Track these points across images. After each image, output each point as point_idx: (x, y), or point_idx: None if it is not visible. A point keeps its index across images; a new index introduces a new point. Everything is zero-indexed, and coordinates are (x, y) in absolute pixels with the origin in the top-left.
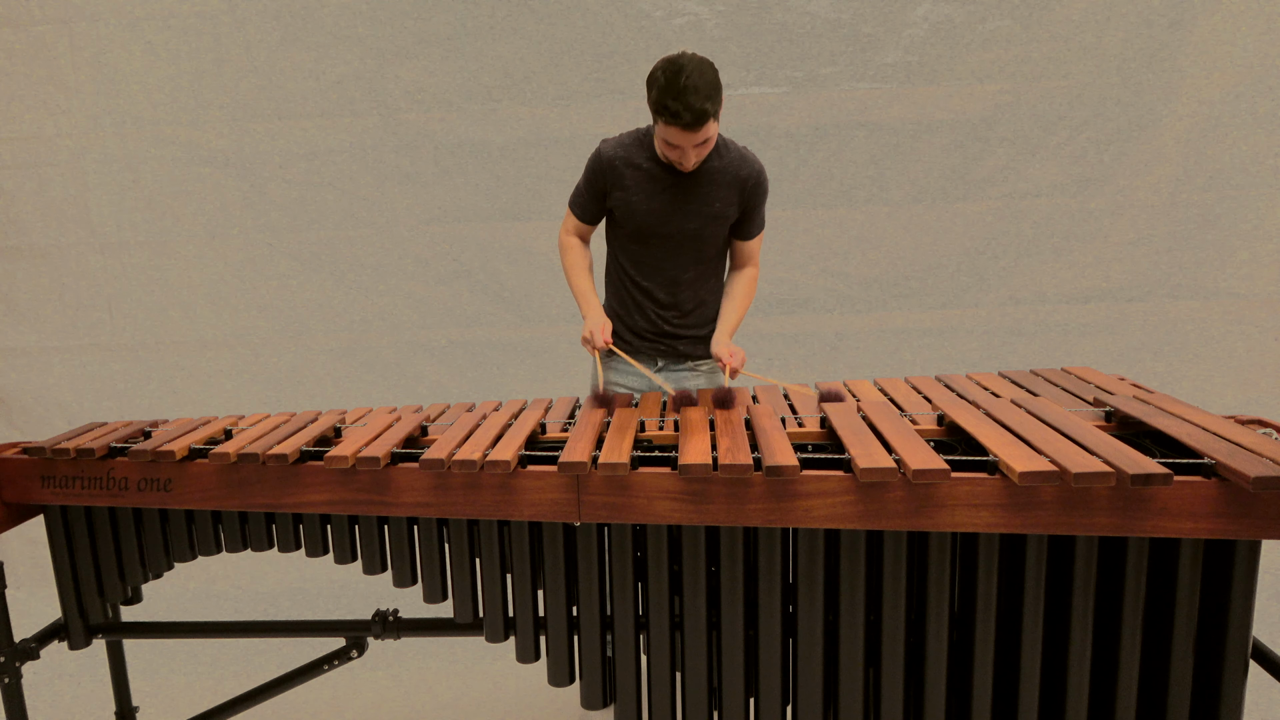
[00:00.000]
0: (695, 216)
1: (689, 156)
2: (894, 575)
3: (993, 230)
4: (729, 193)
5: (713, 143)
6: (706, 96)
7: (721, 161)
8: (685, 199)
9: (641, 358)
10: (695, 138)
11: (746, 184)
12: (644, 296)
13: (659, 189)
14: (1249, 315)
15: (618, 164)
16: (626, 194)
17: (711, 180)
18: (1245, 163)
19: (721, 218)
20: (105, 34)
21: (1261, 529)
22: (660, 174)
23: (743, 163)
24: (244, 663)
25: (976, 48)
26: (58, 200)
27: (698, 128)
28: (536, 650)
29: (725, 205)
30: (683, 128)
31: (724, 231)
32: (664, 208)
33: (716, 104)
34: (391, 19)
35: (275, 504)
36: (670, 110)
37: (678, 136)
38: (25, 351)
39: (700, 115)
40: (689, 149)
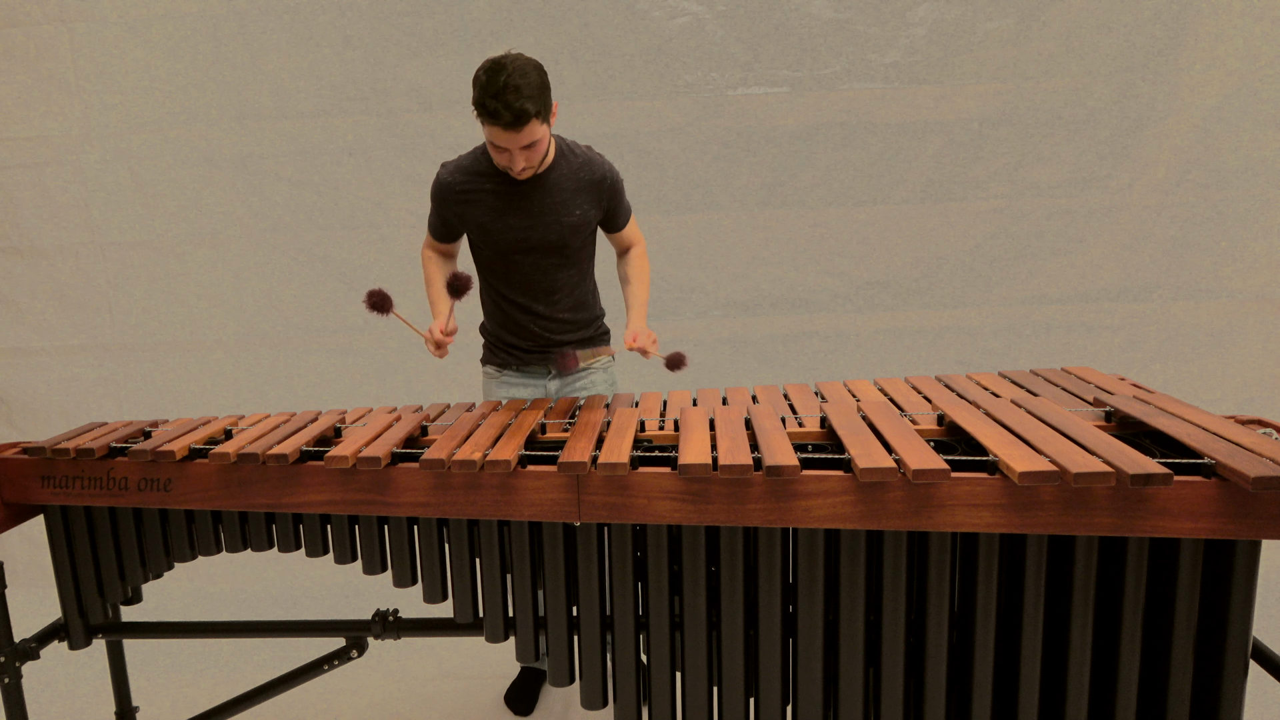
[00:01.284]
0: (555, 227)
1: (516, 160)
2: (894, 575)
3: (993, 230)
4: (585, 197)
5: (542, 146)
6: (528, 96)
7: (570, 167)
8: (540, 211)
9: (533, 367)
10: (519, 138)
11: (602, 185)
12: (521, 312)
13: (510, 206)
14: (1249, 315)
15: (458, 188)
16: (478, 216)
17: (563, 187)
18: (1245, 163)
19: (583, 224)
20: (105, 34)
21: (1261, 529)
22: (507, 190)
23: (591, 166)
24: (244, 663)
25: (976, 48)
26: (58, 200)
27: (518, 128)
28: (536, 650)
29: (585, 211)
30: (503, 127)
31: (588, 234)
32: (521, 223)
33: (540, 105)
34: (391, 19)
35: (275, 504)
36: (489, 109)
37: (501, 137)
38: (25, 351)
39: (520, 115)
40: (515, 151)
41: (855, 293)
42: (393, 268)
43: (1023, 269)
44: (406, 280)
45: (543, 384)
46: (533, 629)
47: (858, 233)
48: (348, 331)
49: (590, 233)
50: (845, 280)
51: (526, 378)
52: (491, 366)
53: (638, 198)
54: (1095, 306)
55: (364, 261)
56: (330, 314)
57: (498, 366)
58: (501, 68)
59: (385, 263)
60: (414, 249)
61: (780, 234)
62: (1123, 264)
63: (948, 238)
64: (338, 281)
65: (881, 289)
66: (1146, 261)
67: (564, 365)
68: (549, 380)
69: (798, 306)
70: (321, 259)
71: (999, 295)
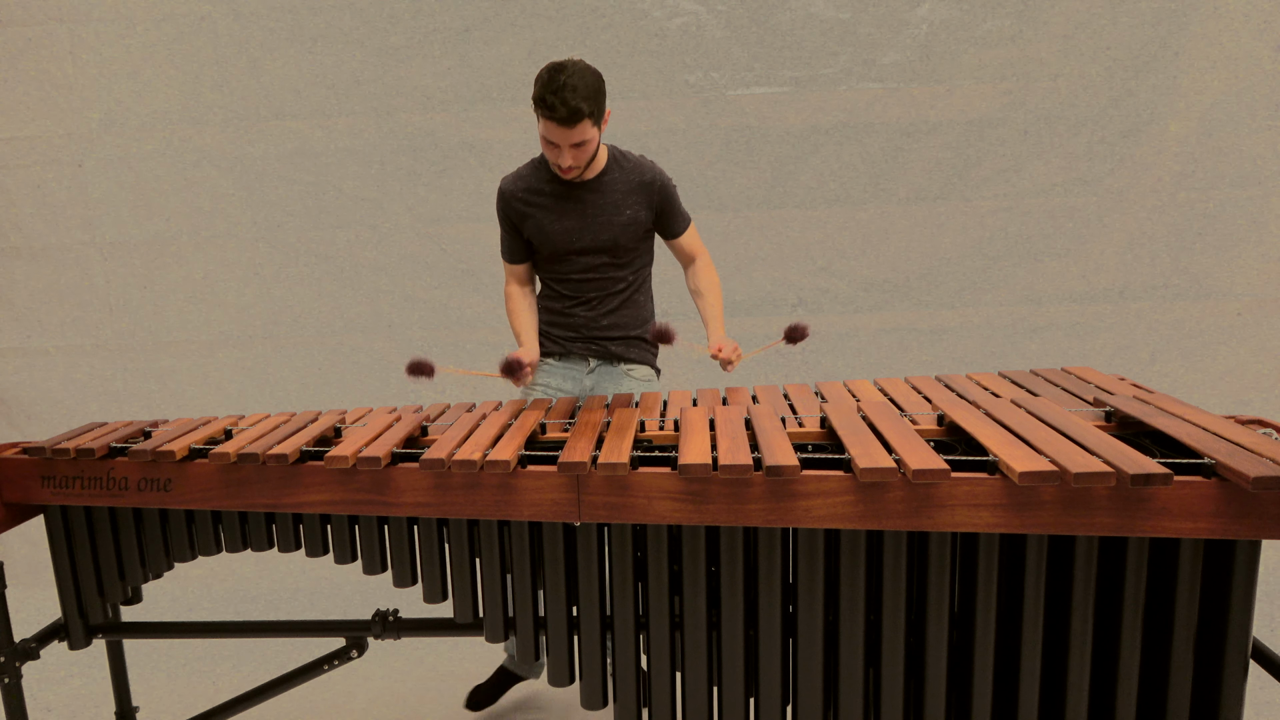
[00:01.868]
0: (608, 227)
1: (565, 156)
2: (894, 575)
3: (993, 230)
4: (636, 199)
5: (590, 147)
6: (584, 97)
7: (621, 172)
8: (595, 212)
9: (573, 358)
10: (570, 135)
11: (652, 186)
12: (573, 304)
13: (567, 208)
14: (1249, 315)
15: (519, 195)
16: (536, 220)
17: (615, 190)
18: (1245, 163)
19: (634, 224)
20: (105, 34)
21: (1261, 529)
22: (564, 193)
23: (641, 169)
24: (244, 663)
25: (976, 48)
26: (58, 200)
27: (572, 124)
28: (536, 650)
29: (636, 211)
30: (558, 122)
31: (640, 236)
32: (576, 224)
33: (594, 107)
34: (391, 19)
35: (275, 504)
36: (547, 104)
37: (554, 132)
38: (25, 351)
39: (575, 112)
40: (565, 148)
41: (855, 293)
42: (393, 268)
43: (1023, 269)
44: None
45: (580, 375)
46: (533, 629)
47: (858, 233)
48: (348, 331)
49: (643, 236)
50: (845, 280)
51: (568, 367)
52: None
53: None
54: (1095, 306)
55: (364, 261)
56: (330, 314)
57: (542, 355)
58: (562, 69)
59: (385, 263)
60: (414, 248)
61: (780, 234)
62: (1123, 264)
63: (948, 238)
64: (338, 281)
65: (881, 289)
66: (1146, 261)
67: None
68: (587, 374)
69: (798, 306)
70: (321, 259)
71: (999, 295)
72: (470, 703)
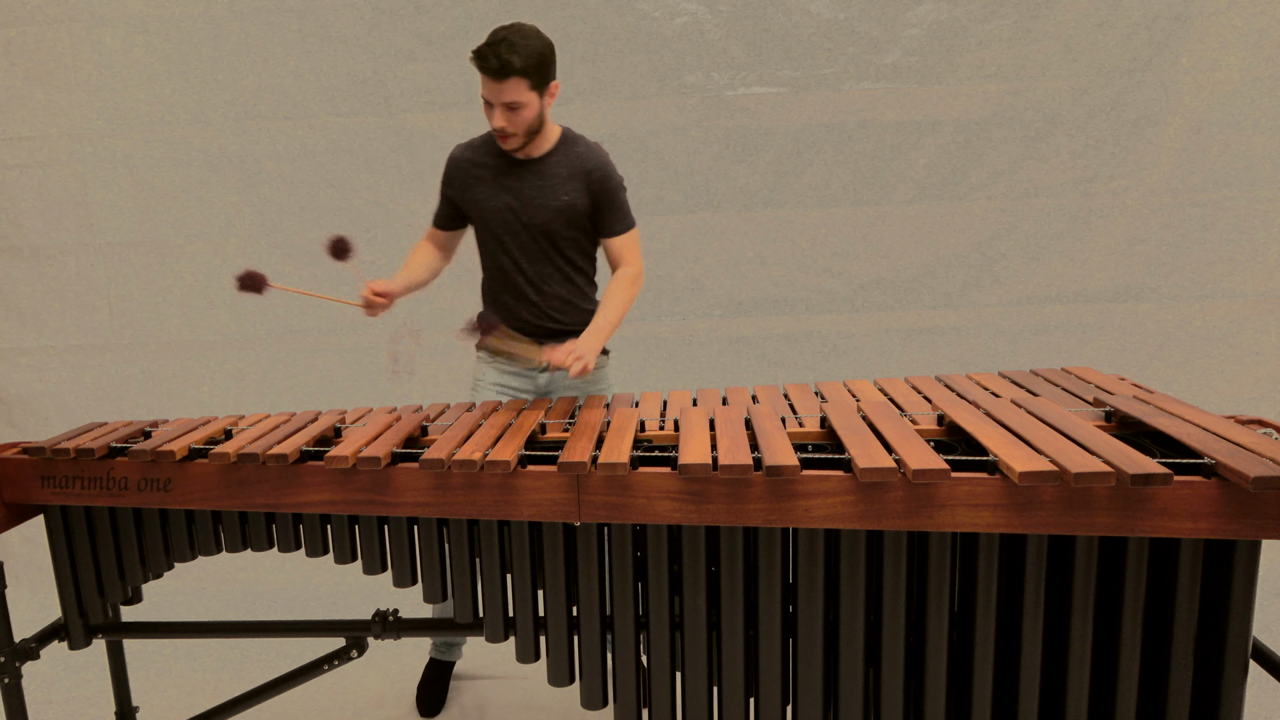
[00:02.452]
0: (542, 210)
1: (497, 116)
2: (894, 575)
3: (993, 230)
4: (574, 184)
5: (527, 114)
6: (520, 54)
7: (567, 156)
8: (532, 193)
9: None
10: (501, 91)
11: (592, 175)
12: (511, 296)
13: (505, 184)
14: (1249, 315)
15: (464, 164)
16: (475, 193)
17: (555, 172)
18: (1245, 163)
19: (570, 210)
20: (105, 34)
21: (1261, 529)
22: (506, 168)
23: (588, 155)
24: (244, 663)
25: (976, 48)
26: (58, 200)
27: (501, 78)
28: (536, 650)
29: (573, 198)
30: (490, 75)
31: (578, 226)
32: (511, 202)
33: (531, 68)
34: (392, 19)
35: (275, 504)
36: (480, 54)
37: (486, 87)
38: (25, 351)
39: (505, 65)
40: (498, 107)
41: (855, 293)
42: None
43: (1022, 269)
44: None
45: (532, 376)
46: (533, 629)
47: (858, 233)
48: (348, 331)
49: (582, 226)
50: (845, 280)
51: (517, 365)
52: (484, 351)
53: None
54: (1095, 306)
55: (364, 261)
56: (330, 314)
57: (490, 352)
58: (509, 27)
59: (385, 262)
60: None
61: (780, 234)
62: (1123, 264)
63: (948, 238)
64: (338, 281)
65: (881, 289)
66: (1146, 261)
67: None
68: (539, 374)
69: (798, 306)
70: (321, 259)
71: (999, 295)
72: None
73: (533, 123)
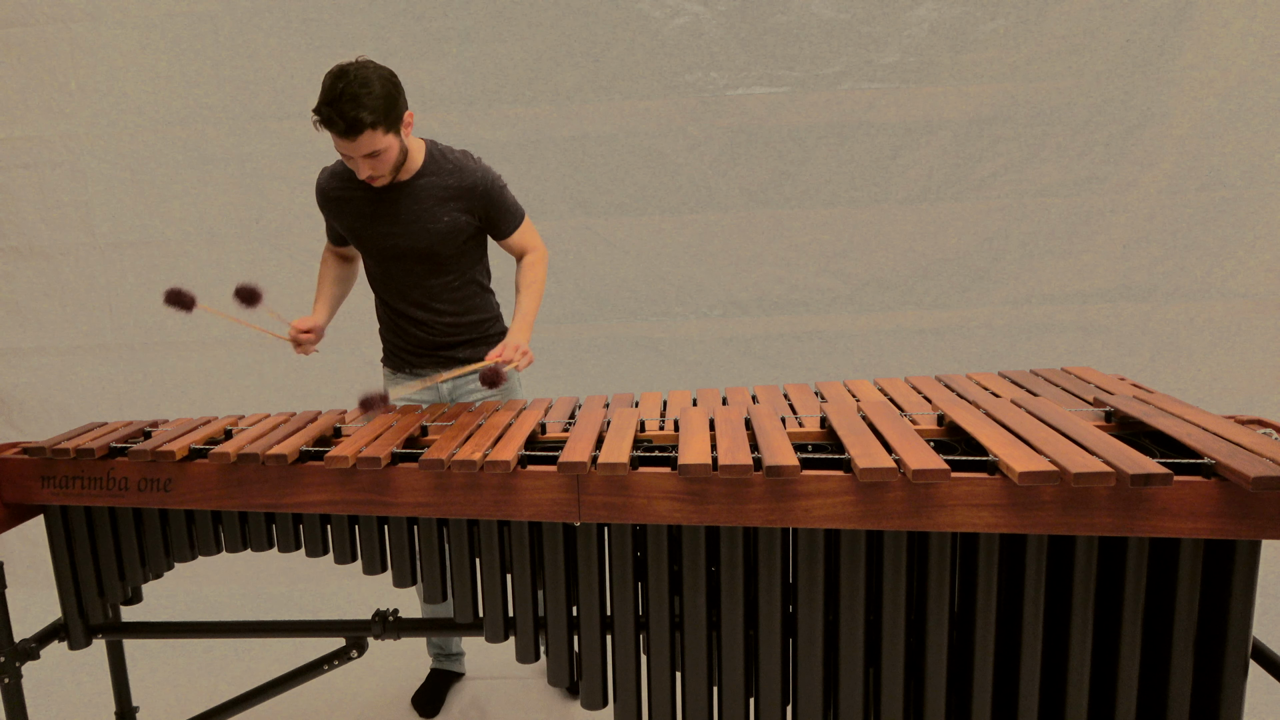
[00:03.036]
0: (423, 235)
1: (361, 168)
2: (894, 575)
3: (993, 230)
4: (456, 204)
5: (389, 156)
6: (366, 108)
7: (439, 175)
8: (409, 219)
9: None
10: (356, 146)
11: (474, 191)
12: (402, 318)
13: (379, 211)
14: (1249, 315)
15: (332, 195)
16: (349, 222)
17: (430, 194)
18: (1245, 163)
19: (454, 230)
20: (105, 34)
21: (1261, 529)
22: (377, 196)
23: (462, 173)
24: (244, 663)
25: (976, 48)
26: (58, 200)
27: (353, 136)
28: (536, 650)
29: (455, 218)
30: (339, 135)
31: (462, 243)
32: (388, 229)
33: (380, 115)
34: (392, 19)
35: (275, 504)
36: (324, 116)
37: (340, 145)
38: (25, 351)
39: (354, 123)
40: (358, 159)
41: (855, 293)
42: None
43: (1023, 269)
44: None
45: (437, 387)
46: (533, 629)
47: (858, 233)
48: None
49: (467, 240)
50: (845, 280)
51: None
52: (388, 369)
53: (638, 198)
54: (1095, 306)
55: None
56: None
57: (392, 369)
58: (343, 74)
59: None
60: None
61: (780, 234)
62: (1123, 264)
63: (948, 238)
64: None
65: (881, 289)
66: (1146, 261)
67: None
68: (442, 383)
69: (798, 306)
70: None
71: (999, 295)
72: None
73: (398, 159)
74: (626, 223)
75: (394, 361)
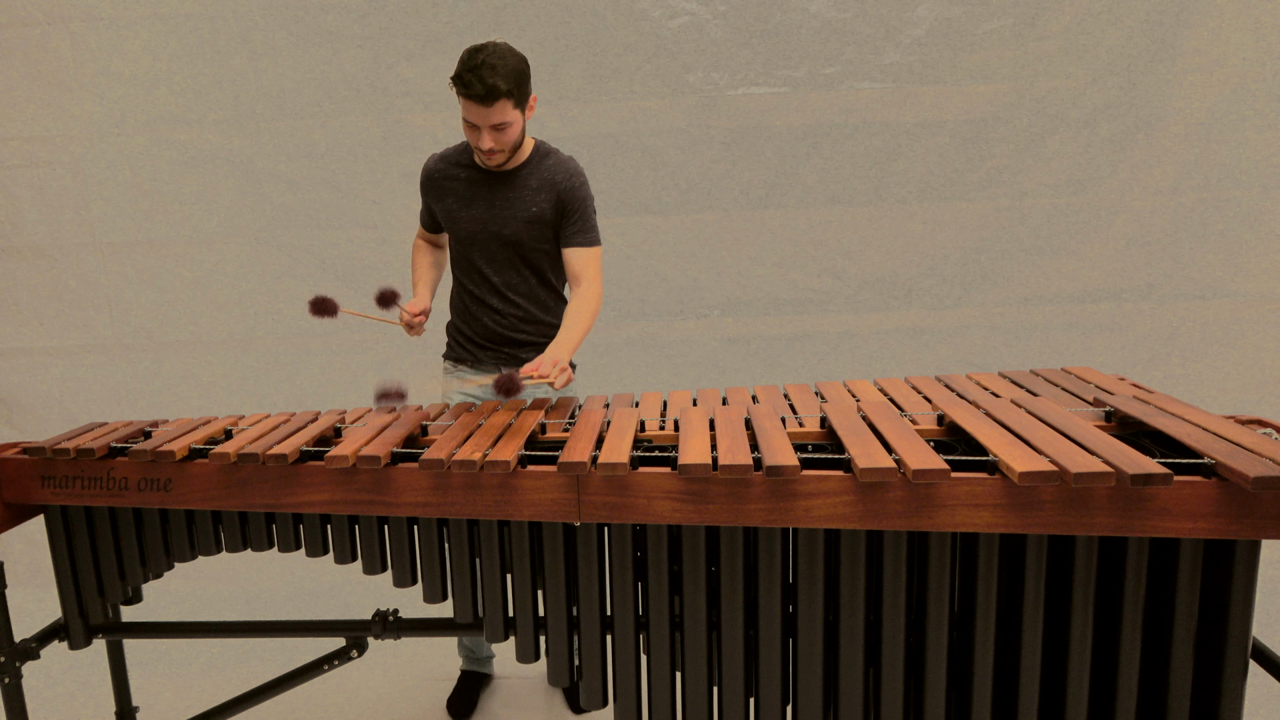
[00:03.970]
0: (512, 221)
1: (485, 138)
2: (894, 575)
3: (993, 230)
4: (545, 196)
5: (513, 132)
6: (503, 76)
7: (540, 168)
8: (502, 204)
9: (485, 366)
10: (489, 115)
11: (560, 184)
12: (477, 305)
13: (477, 195)
14: (1249, 315)
15: (437, 176)
16: (447, 203)
17: (528, 184)
18: (1245, 163)
19: (539, 222)
20: (105, 34)
21: (1261, 529)
22: (479, 179)
23: (559, 169)
24: (244, 663)
25: (976, 48)
26: (58, 200)
27: (489, 103)
28: (536, 650)
29: (542, 209)
30: (475, 100)
31: (547, 238)
32: (482, 213)
33: (514, 87)
34: (391, 19)
35: (275, 504)
36: (464, 81)
37: (472, 111)
38: (25, 351)
39: (491, 90)
40: (485, 129)
41: (855, 293)
42: (392, 267)
43: (1023, 269)
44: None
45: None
46: (533, 629)
47: (858, 233)
48: (347, 331)
49: (550, 237)
50: (845, 280)
51: (481, 375)
52: (449, 361)
53: (638, 198)
54: (1095, 306)
55: (363, 261)
56: None
57: (454, 361)
58: (483, 48)
59: (384, 262)
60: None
61: (780, 234)
62: (1123, 264)
63: (948, 238)
64: (337, 281)
65: (881, 289)
66: (1146, 261)
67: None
68: None
69: (798, 306)
70: (321, 259)
71: (999, 295)
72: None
73: (518, 139)
74: (627, 222)
75: (456, 353)
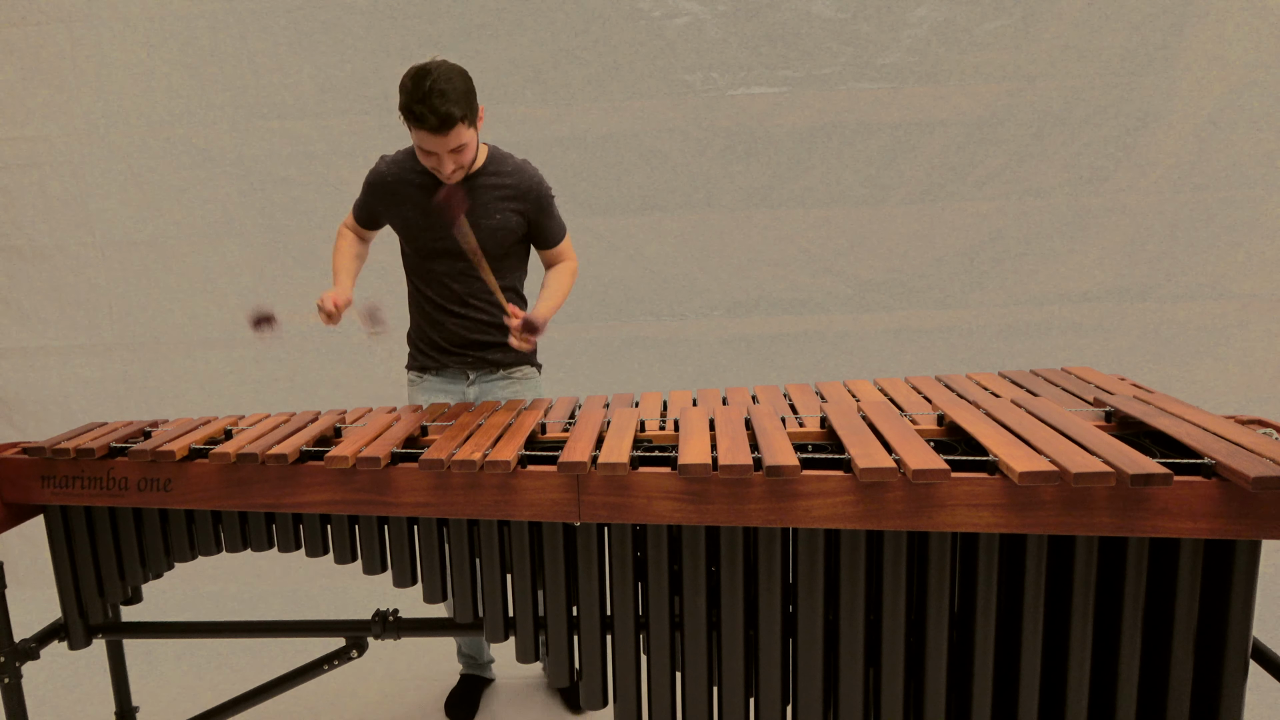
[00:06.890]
0: (474, 230)
1: (445, 164)
2: (894, 575)
3: (993, 230)
4: (509, 205)
5: (470, 150)
6: (454, 101)
7: (497, 175)
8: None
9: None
10: (446, 142)
11: (528, 195)
12: (441, 312)
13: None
14: (1249, 315)
15: (390, 181)
16: (403, 212)
17: (486, 192)
18: (1245, 163)
19: (503, 230)
20: (105, 34)
21: (1261, 529)
22: (433, 187)
23: (519, 174)
24: (244, 663)
25: (976, 48)
26: (58, 200)
27: (445, 131)
28: (536, 650)
29: (506, 217)
30: (431, 131)
31: (509, 244)
32: (440, 222)
33: (465, 109)
34: (391, 19)
35: (275, 504)
36: (415, 115)
37: (429, 141)
38: (25, 351)
39: (446, 118)
40: (444, 155)
41: (855, 293)
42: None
43: (1023, 269)
44: None
45: (461, 390)
46: (533, 629)
47: (858, 233)
48: (348, 332)
49: (514, 243)
50: (845, 280)
51: (446, 382)
52: (413, 372)
53: (638, 198)
54: (1095, 306)
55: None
56: None
57: (419, 371)
58: (427, 73)
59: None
60: None
61: (780, 234)
62: (1123, 264)
63: (948, 238)
64: None
65: (881, 289)
66: (1146, 261)
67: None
68: (468, 386)
69: (798, 306)
70: (321, 259)
71: (999, 295)
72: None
73: (475, 154)
74: (626, 223)
75: (420, 361)
